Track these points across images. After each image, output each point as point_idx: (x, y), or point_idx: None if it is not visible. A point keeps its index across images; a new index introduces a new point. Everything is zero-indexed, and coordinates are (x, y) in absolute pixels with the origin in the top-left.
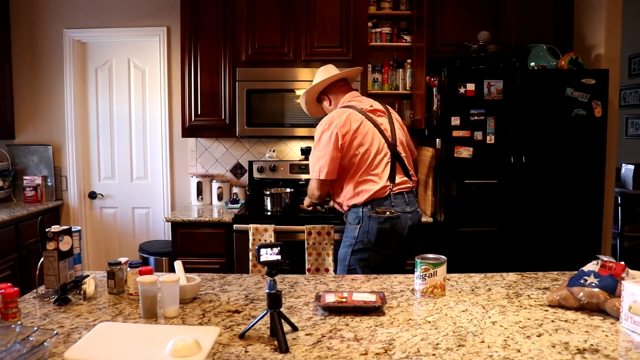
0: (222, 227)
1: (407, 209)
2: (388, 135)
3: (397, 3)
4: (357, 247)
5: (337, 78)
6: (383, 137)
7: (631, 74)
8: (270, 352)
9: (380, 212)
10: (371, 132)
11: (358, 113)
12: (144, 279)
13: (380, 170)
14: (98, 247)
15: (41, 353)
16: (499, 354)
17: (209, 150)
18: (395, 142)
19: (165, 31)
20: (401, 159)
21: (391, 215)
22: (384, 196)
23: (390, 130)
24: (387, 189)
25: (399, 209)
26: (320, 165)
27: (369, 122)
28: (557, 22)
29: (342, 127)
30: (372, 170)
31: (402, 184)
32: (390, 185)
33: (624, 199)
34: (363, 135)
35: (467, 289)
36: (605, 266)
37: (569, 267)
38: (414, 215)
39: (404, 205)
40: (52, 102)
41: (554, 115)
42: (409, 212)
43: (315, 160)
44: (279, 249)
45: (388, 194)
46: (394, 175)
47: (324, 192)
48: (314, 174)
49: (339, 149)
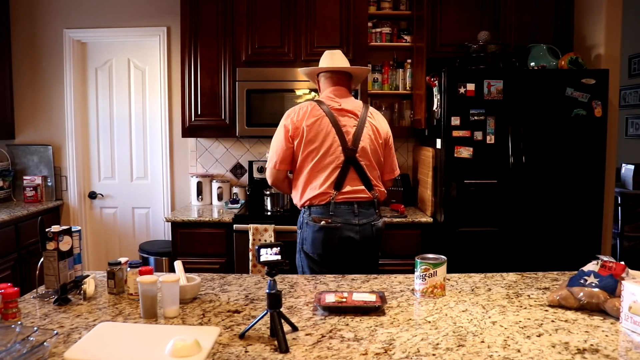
0: (222, 227)
1: (354, 220)
2: (348, 139)
3: (397, 3)
4: (301, 253)
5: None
6: (340, 140)
7: (631, 74)
8: (270, 352)
9: (315, 220)
10: (326, 131)
11: (320, 109)
12: (144, 279)
13: (324, 174)
14: (98, 247)
15: (41, 353)
16: (499, 354)
17: (209, 150)
18: (355, 148)
19: (165, 31)
20: (359, 166)
21: (327, 225)
22: (323, 204)
23: (354, 134)
24: (328, 197)
25: (339, 220)
26: (271, 154)
27: (328, 121)
28: (557, 22)
29: (296, 119)
30: (316, 172)
31: (351, 193)
32: (333, 193)
33: (624, 199)
34: (315, 133)
35: (467, 289)
36: (605, 266)
37: (569, 267)
38: (365, 229)
39: (349, 216)
40: (52, 102)
41: (554, 115)
42: (355, 224)
43: (271, 148)
44: (279, 249)
45: (328, 201)
46: (342, 183)
47: (276, 183)
48: (269, 162)
49: (289, 140)
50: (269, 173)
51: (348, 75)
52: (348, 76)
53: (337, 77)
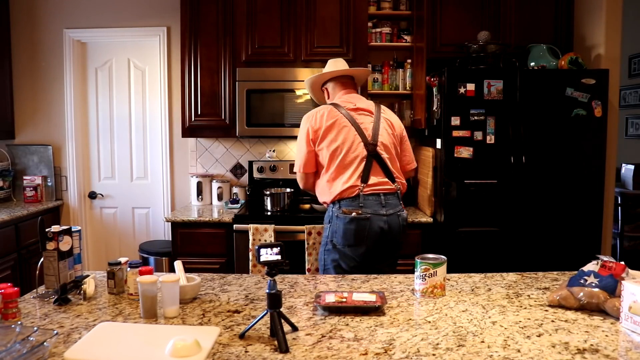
0: (222, 227)
1: (382, 211)
2: (367, 135)
3: (397, 3)
4: (328, 247)
5: (340, 74)
6: (360, 136)
7: (631, 74)
8: (270, 352)
9: (346, 212)
10: (346, 130)
11: (336, 110)
12: (144, 279)
13: (351, 169)
14: (98, 247)
15: (41, 353)
16: (499, 354)
17: (209, 150)
18: (375, 142)
19: (165, 31)
20: (381, 159)
21: (358, 216)
22: (352, 196)
23: (372, 130)
24: (356, 189)
25: (369, 211)
26: (297, 159)
27: (346, 120)
28: (557, 22)
29: (315, 122)
30: (342, 168)
31: (377, 185)
32: (361, 186)
33: (624, 199)
34: (336, 133)
35: (467, 289)
36: (605, 266)
37: (569, 267)
38: (392, 219)
39: (377, 207)
40: (52, 102)
41: (554, 115)
42: (383, 214)
43: (296, 153)
44: (279, 249)
45: (357, 194)
46: (367, 176)
47: (307, 186)
48: (295, 167)
49: (310, 144)
50: (298, 177)
51: (352, 78)
52: (353, 79)
53: (344, 81)
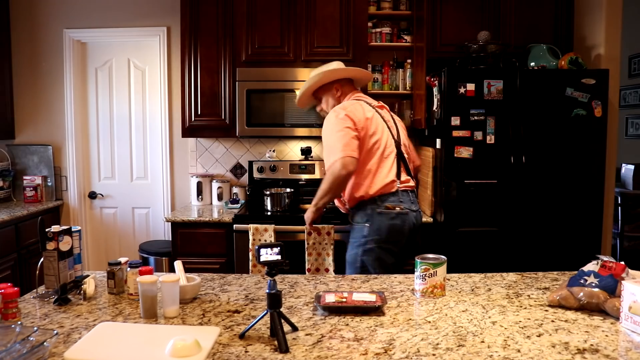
0: (222, 227)
1: (413, 207)
2: (394, 133)
3: (397, 3)
4: (369, 246)
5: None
6: (391, 132)
7: (631, 74)
8: (270, 352)
9: (390, 208)
10: (381, 125)
11: (368, 105)
12: (144, 279)
13: (389, 164)
14: (98, 247)
15: (41, 353)
16: (499, 354)
17: (209, 150)
18: (399, 140)
19: (165, 31)
20: (404, 158)
21: (401, 211)
22: (392, 191)
23: (395, 129)
24: (395, 185)
25: (406, 206)
26: (344, 143)
27: (379, 116)
28: (557, 22)
29: (355, 113)
30: (382, 162)
31: (406, 182)
32: (398, 182)
33: (624, 199)
34: (375, 126)
35: (467, 289)
36: (605, 266)
37: (569, 267)
38: (418, 215)
39: (409, 203)
40: (52, 102)
41: (554, 115)
42: (414, 210)
43: (335, 141)
44: (279, 249)
45: (396, 189)
46: (400, 172)
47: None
48: (337, 152)
49: (356, 129)
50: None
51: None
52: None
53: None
